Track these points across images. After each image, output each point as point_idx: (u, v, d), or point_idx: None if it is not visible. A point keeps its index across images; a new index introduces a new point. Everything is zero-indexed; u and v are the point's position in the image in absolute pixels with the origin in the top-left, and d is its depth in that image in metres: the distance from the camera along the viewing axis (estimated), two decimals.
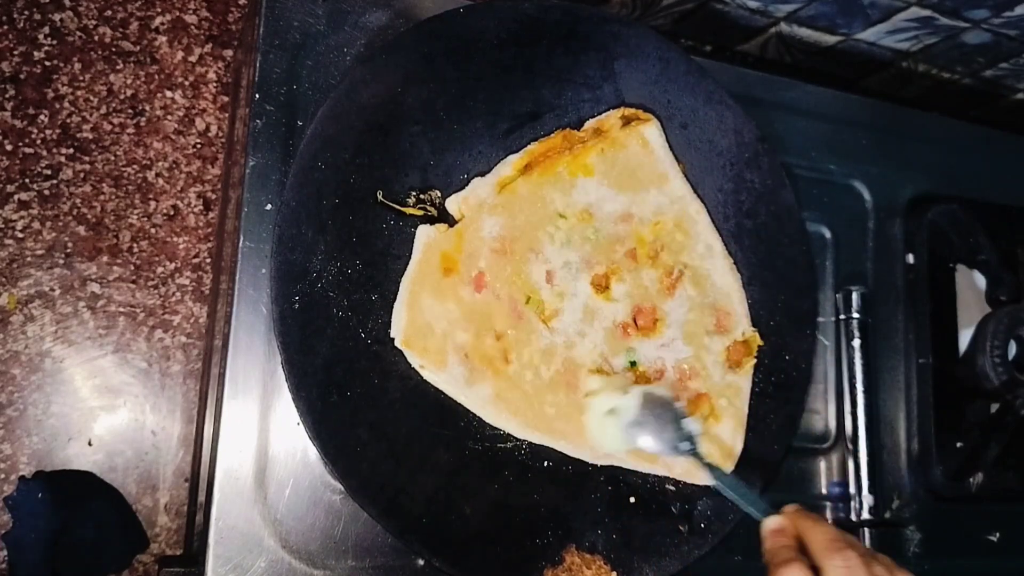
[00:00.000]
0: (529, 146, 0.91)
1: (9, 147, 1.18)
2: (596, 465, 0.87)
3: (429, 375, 0.83)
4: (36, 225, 1.18)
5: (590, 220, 0.91)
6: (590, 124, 0.94)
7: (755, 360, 0.94)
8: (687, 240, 0.94)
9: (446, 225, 0.86)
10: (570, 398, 0.87)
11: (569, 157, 0.91)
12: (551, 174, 0.90)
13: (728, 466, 0.91)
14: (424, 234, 0.85)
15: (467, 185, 0.88)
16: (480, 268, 0.86)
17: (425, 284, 0.84)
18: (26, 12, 1.21)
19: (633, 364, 0.90)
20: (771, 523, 0.75)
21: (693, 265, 0.94)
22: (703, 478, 0.87)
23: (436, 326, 0.83)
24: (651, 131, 0.94)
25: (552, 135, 0.92)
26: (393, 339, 0.82)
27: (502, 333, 0.86)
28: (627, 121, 0.94)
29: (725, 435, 0.91)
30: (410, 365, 0.83)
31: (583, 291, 0.90)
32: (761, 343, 0.94)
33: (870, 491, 1.01)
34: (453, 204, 0.87)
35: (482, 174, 0.88)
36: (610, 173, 0.92)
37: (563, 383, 0.87)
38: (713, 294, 0.94)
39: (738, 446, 0.91)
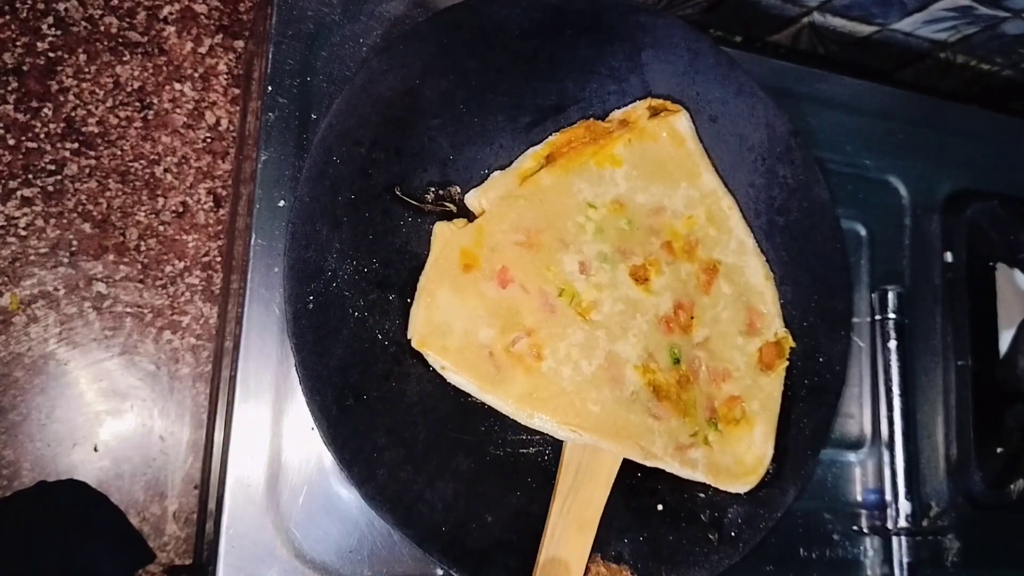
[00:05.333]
0: (550, 137, 0.89)
1: (12, 141, 1.16)
2: (623, 471, 0.85)
3: (452, 376, 0.81)
4: (40, 222, 1.17)
5: (622, 211, 0.89)
6: (616, 115, 0.92)
7: (787, 363, 0.92)
8: (720, 236, 0.92)
9: (465, 220, 0.84)
10: (615, 394, 0.84)
11: (595, 148, 0.89)
12: (576, 164, 0.88)
13: (760, 471, 0.89)
14: (441, 230, 0.83)
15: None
16: (504, 263, 0.83)
17: (443, 282, 0.81)
18: (29, 1, 1.20)
19: (677, 361, 0.88)
20: None
21: (727, 262, 0.92)
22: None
23: (456, 324, 0.81)
24: (681, 122, 0.92)
25: (575, 125, 0.90)
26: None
27: (532, 328, 0.83)
28: (654, 112, 0.92)
29: (757, 440, 0.90)
30: (428, 367, 0.81)
31: (623, 282, 0.87)
32: (793, 345, 0.93)
33: (907, 498, 0.99)
34: (473, 199, 0.85)
35: (503, 168, 0.87)
36: (639, 164, 0.90)
37: (607, 379, 0.84)
38: (747, 293, 0.92)
39: (770, 452, 0.90)
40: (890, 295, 1.03)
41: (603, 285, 0.86)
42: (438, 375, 0.81)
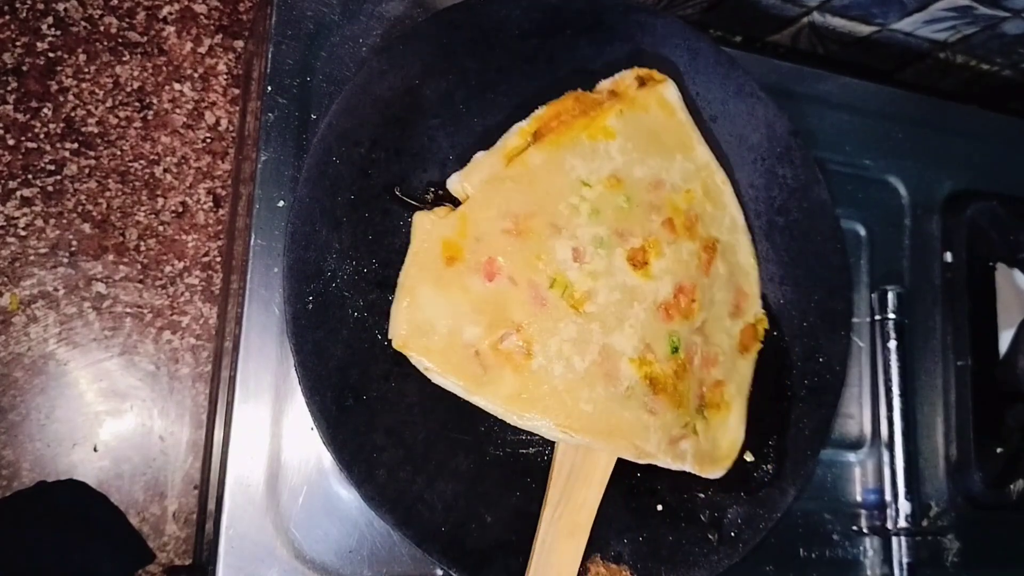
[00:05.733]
0: (537, 111, 0.85)
1: (11, 141, 1.16)
2: (623, 471, 0.84)
3: (436, 378, 0.78)
4: (39, 223, 1.16)
5: (619, 187, 0.84)
6: (604, 85, 0.89)
7: (761, 345, 0.91)
8: (716, 212, 0.89)
9: (447, 208, 0.81)
10: (609, 391, 0.80)
11: (586, 120, 0.85)
12: (567, 139, 0.83)
13: (733, 456, 0.87)
14: (421, 221, 0.80)
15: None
16: (490, 253, 0.79)
17: (425, 278, 0.78)
18: (29, 1, 1.19)
19: (675, 350, 0.84)
20: None
21: (723, 240, 0.89)
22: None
23: (439, 323, 0.77)
24: (669, 92, 0.90)
25: (563, 97, 0.86)
26: None
27: (521, 324, 0.78)
28: (642, 82, 0.89)
29: (733, 424, 0.88)
30: None
31: (619, 268, 0.82)
32: (768, 327, 0.91)
33: (907, 498, 0.99)
34: (455, 184, 0.82)
35: None
36: (633, 136, 0.86)
37: (601, 374, 0.80)
38: (737, 272, 0.90)
39: (742, 435, 0.88)
40: (890, 295, 1.03)
41: (598, 273, 0.81)
42: None
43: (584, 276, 0.81)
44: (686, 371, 0.85)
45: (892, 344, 1.02)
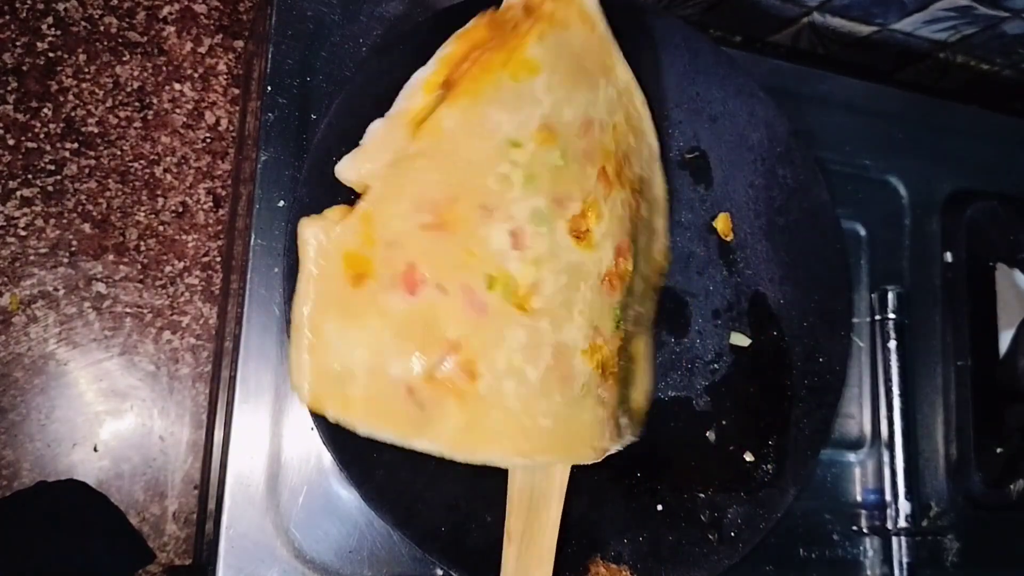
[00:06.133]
0: (442, 49, 0.69)
1: (11, 141, 1.16)
2: (623, 471, 0.83)
3: (365, 431, 0.66)
4: (39, 222, 1.16)
5: (553, 140, 0.67)
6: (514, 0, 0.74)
7: (664, 281, 0.83)
8: (637, 144, 0.75)
9: (342, 208, 0.65)
10: (566, 396, 0.68)
11: (504, 54, 0.68)
12: (486, 84, 0.66)
13: (645, 407, 0.82)
14: (312, 232, 0.64)
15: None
16: (408, 259, 0.64)
17: (328, 309, 0.63)
18: (29, 1, 1.19)
19: (618, 325, 0.71)
20: None
21: (644, 176, 0.75)
22: None
23: (356, 363, 0.63)
24: (588, 1, 0.76)
25: (472, 25, 0.71)
26: None
27: (459, 341, 0.64)
28: None
29: (643, 378, 0.81)
30: None
31: (564, 246, 0.67)
32: (671, 259, 0.84)
33: (907, 498, 0.98)
34: (348, 171, 0.67)
35: None
36: (558, 66, 0.69)
37: (556, 380, 0.67)
38: (654, 210, 0.79)
39: (653, 384, 0.81)
40: (890, 295, 1.02)
41: (542, 258, 0.66)
42: None
43: (527, 266, 0.66)
44: (623, 342, 0.74)
45: (892, 344, 1.02)
